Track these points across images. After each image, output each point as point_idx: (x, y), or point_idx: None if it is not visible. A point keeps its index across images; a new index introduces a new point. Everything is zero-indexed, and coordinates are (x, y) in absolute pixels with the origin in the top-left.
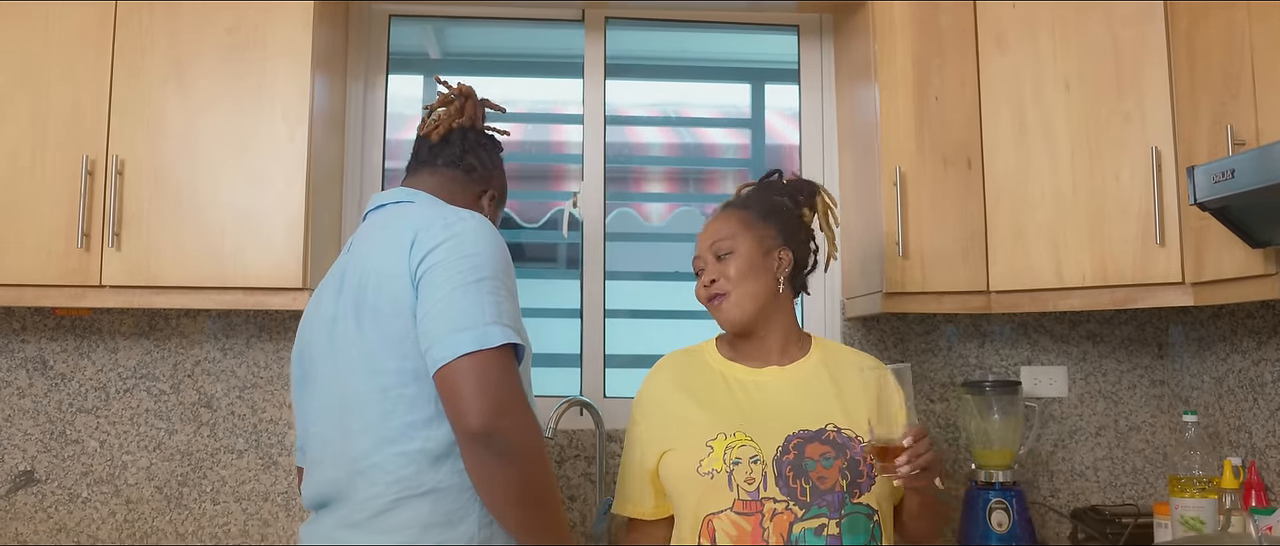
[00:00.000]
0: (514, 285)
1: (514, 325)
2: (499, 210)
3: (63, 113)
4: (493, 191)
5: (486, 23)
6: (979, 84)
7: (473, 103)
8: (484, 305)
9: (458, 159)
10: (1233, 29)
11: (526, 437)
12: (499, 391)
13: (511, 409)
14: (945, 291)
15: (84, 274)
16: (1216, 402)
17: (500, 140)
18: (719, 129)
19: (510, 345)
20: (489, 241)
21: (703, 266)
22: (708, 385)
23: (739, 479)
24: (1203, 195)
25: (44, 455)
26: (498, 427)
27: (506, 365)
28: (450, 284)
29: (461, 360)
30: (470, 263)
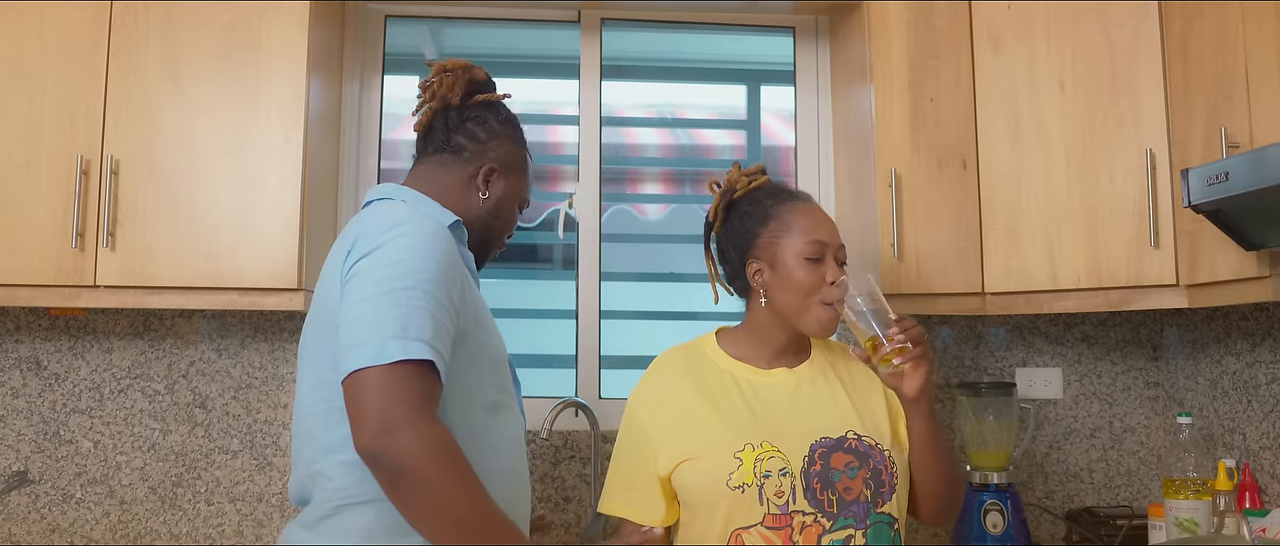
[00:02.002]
0: (447, 295)
1: (425, 337)
2: (514, 183)
3: (57, 112)
4: (489, 165)
5: (482, 23)
6: (974, 85)
7: (449, 77)
8: (389, 317)
9: (444, 142)
10: (1226, 31)
11: (416, 461)
12: (385, 410)
13: (398, 428)
14: (940, 293)
15: (78, 274)
16: (1211, 404)
17: (505, 106)
18: (715, 130)
19: (415, 360)
20: (419, 249)
21: (825, 255)
22: (720, 387)
23: (769, 492)
24: (1197, 198)
25: (37, 455)
26: (382, 448)
27: (401, 381)
28: (361, 294)
29: (353, 376)
30: (390, 271)
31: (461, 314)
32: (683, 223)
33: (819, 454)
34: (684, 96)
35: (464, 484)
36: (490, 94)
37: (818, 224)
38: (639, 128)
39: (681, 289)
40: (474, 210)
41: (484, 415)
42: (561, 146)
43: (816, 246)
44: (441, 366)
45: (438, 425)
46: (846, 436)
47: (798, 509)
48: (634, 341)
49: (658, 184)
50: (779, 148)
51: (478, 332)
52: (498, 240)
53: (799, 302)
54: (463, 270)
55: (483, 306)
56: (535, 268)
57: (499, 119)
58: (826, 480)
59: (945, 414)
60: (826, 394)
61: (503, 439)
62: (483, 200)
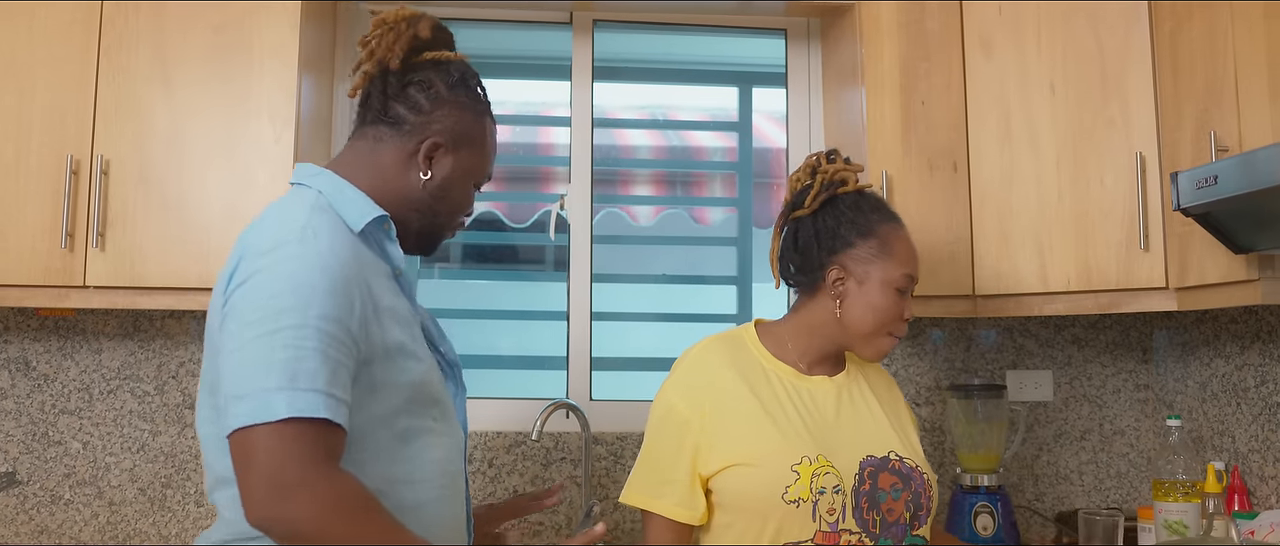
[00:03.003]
0: (342, 327)
1: (318, 386)
2: (465, 158)
3: (47, 112)
4: (432, 140)
5: (474, 24)
6: (965, 88)
7: (389, 32)
8: (274, 363)
9: (382, 112)
10: (1215, 34)
11: (316, 526)
12: (274, 473)
13: (290, 492)
14: (931, 295)
15: (67, 274)
16: (1200, 407)
17: (456, 69)
18: (706, 132)
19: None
20: (306, 278)
21: (908, 289)
22: (769, 390)
23: (822, 509)
24: (1186, 201)
25: (26, 456)
26: (275, 517)
27: (292, 440)
28: (242, 336)
29: (238, 435)
30: (273, 306)
31: (365, 341)
32: (674, 225)
33: (868, 472)
34: (676, 98)
35: (378, 535)
36: (439, 52)
37: (913, 255)
38: (631, 129)
39: (674, 290)
40: (413, 194)
41: (394, 445)
42: (553, 147)
43: (908, 279)
44: (341, 414)
45: (338, 480)
46: (890, 457)
47: (846, 527)
48: (626, 343)
49: (649, 185)
50: (770, 150)
51: (388, 357)
52: (445, 226)
53: (871, 327)
54: (371, 287)
55: (400, 319)
56: (526, 269)
57: (448, 82)
58: (874, 500)
59: (936, 416)
60: (866, 410)
61: (418, 468)
62: (424, 181)
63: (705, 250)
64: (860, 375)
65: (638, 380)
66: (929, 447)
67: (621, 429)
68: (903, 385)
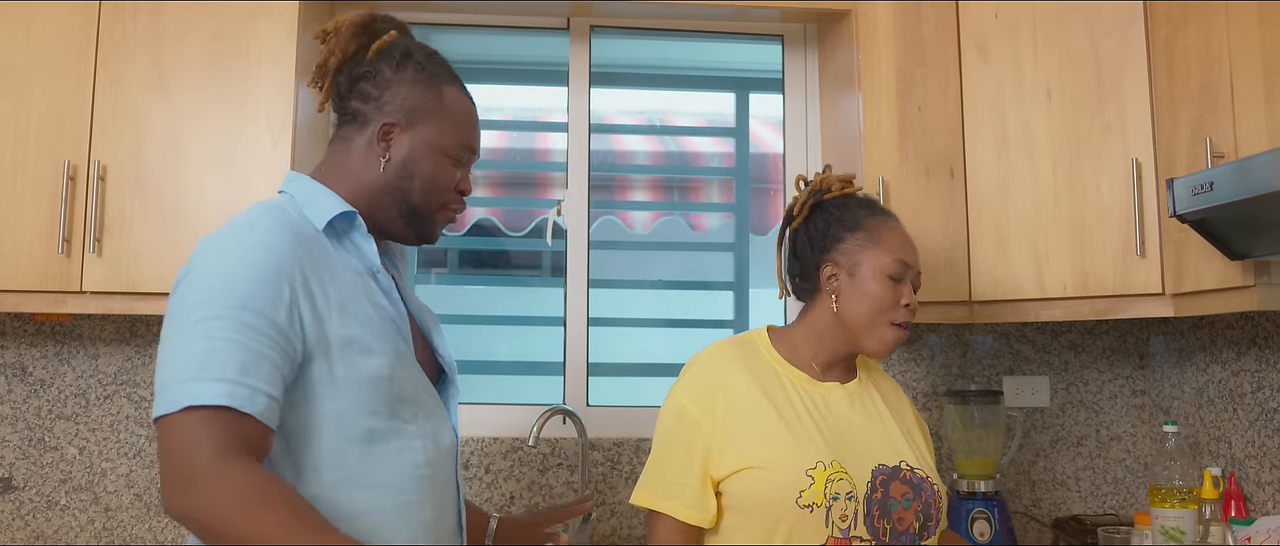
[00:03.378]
0: (267, 320)
1: (227, 375)
2: (424, 132)
3: (44, 117)
4: (385, 123)
5: (471, 30)
6: (961, 93)
7: (334, 37)
8: (187, 355)
9: (344, 111)
10: (1211, 40)
11: (224, 515)
12: (182, 464)
13: (197, 482)
14: (927, 301)
15: (64, 280)
16: (1197, 413)
17: (397, 48)
18: (703, 137)
19: (212, 405)
20: (232, 271)
21: (904, 276)
22: (782, 394)
23: (835, 515)
24: (1182, 207)
25: (22, 462)
26: (185, 507)
27: (197, 428)
28: (167, 330)
29: (156, 425)
30: (194, 300)
31: (300, 335)
32: (671, 230)
33: (880, 481)
34: (673, 103)
35: (289, 531)
36: (383, 38)
37: (905, 243)
38: (628, 135)
39: (670, 296)
40: (379, 180)
41: (354, 447)
42: (550, 153)
43: (900, 266)
44: (256, 404)
45: (245, 470)
46: (901, 466)
47: (857, 535)
48: (622, 349)
49: (646, 191)
50: (767, 155)
51: (335, 351)
52: (427, 207)
53: (869, 317)
54: (308, 281)
55: (359, 315)
56: (523, 274)
57: (393, 65)
58: (885, 509)
59: (933, 422)
60: (878, 419)
61: (381, 472)
62: (384, 165)
63: (702, 255)
64: (871, 384)
65: (635, 386)
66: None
67: (618, 434)
68: None
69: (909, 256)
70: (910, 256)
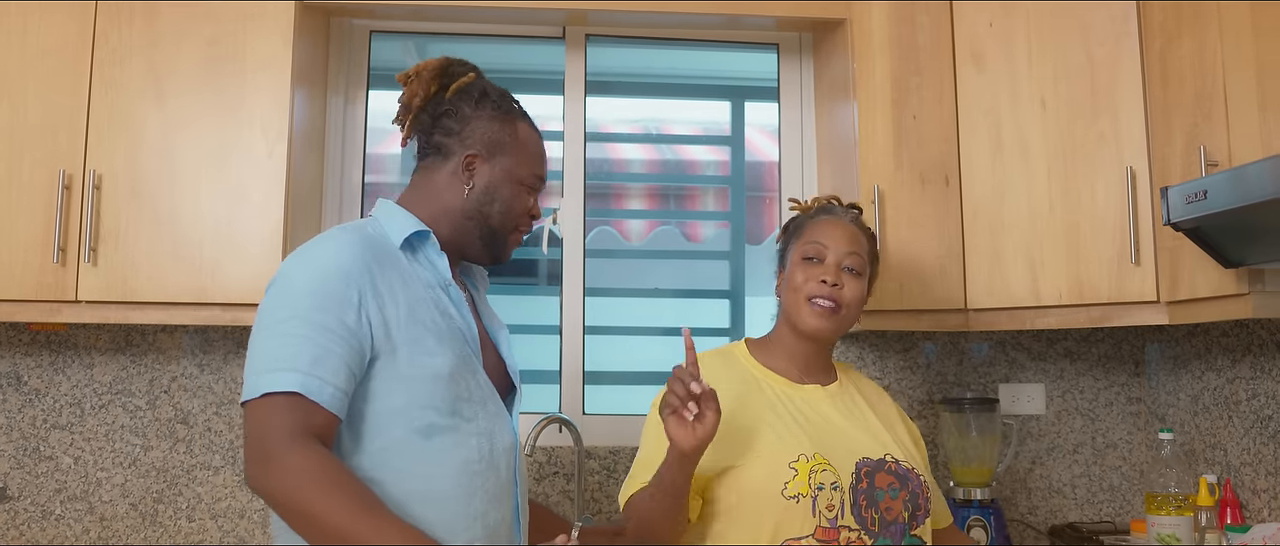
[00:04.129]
0: (336, 318)
1: (299, 367)
2: (503, 163)
3: (39, 126)
4: (467, 155)
5: (467, 38)
6: (956, 102)
7: (415, 83)
8: (264, 351)
9: (427, 145)
10: (1205, 50)
11: (287, 493)
12: (257, 445)
13: (267, 462)
14: (923, 309)
15: (60, 289)
16: (1192, 420)
17: (475, 88)
18: (699, 146)
19: (283, 392)
20: (305, 277)
21: (823, 257)
22: (760, 395)
23: (821, 505)
24: (1176, 215)
25: (17, 471)
26: (257, 484)
27: (270, 414)
28: (254, 332)
29: (243, 410)
30: (272, 304)
31: (366, 335)
32: (666, 239)
33: (865, 472)
34: (669, 112)
35: (346, 508)
36: (462, 78)
37: (829, 233)
38: (624, 143)
39: (666, 304)
40: (462, 205)
41: (415, 439)
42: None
43: (814, 248)
44: (324, 393)
45: (309, 454)
46: (887, 459)
47: (845, 524)
48: (618, 357)
49: (642, 199)
50: (763, 163)
51: (406, 351)
52: (504, 230)
53: (792, 299)
54: (377, 286)
55: (426, 321)
56: (519, 283)
57: (472, 102)
58: (872, 498)
59: (929, 430)
60: (860, 417)
61: (438, 464)
62: (468, 191)
63: (698, 264)
64: (852, 387)
65: (630, 394)
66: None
67: (614, 443)
68: (896, 398)
69: (829, 241)
70: (831, 241)
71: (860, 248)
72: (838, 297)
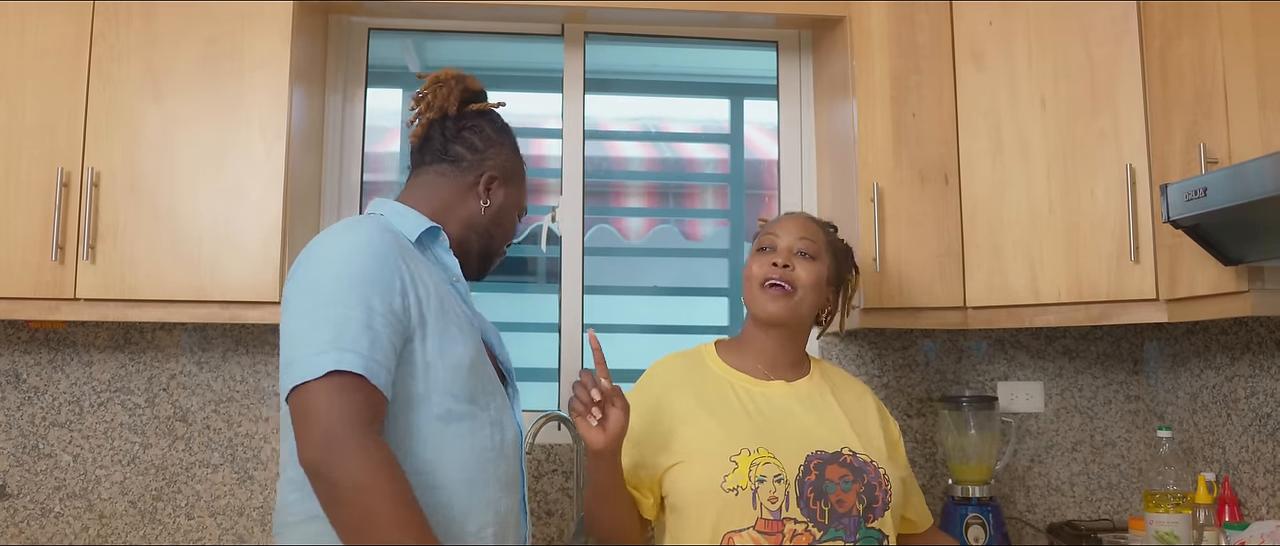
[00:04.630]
0: (383, 303)
1: (360, 349)
2: (513, 192)
3: (37, 124)
4: (489, 174)
5: (466, 36)
6: (956, 100)
7: (443, 89)
8: (318, 331)
9: (442, 152)
10: (1204, 48)
11: (356, 478)
12: (328, 425)
13: (340, 444)
14: (922, 307)
15: (58, 287)
16: (1191, 418)
17: (500, 115)
18: (698, 143)
19: (351, 373)
20: (346, 260)
21: (775, 246)
22: (717, 394)
23: (763, 497)
24: (1176, 213)
25: (16, 469)
26: (324, 463)
27: (339, 394)
28: (293, 311)
29: (294, 393)
30: (318, 286)
31: (407, 321)
32: (665, 237)
33: (814, 464)
34: (667, 110)
35: (397, 506)
36: (485, 103)
37: (780, 225)
38: (622, 141)
39: (666, 302)
40: (476, 219)
41: (434, 424)
42: (545, 160)
43: (767, 239)
44: (381, 377)
45: (380, 444)
46: (842, 451)
47: (789, 516)
48: (617, 355)
49: (641, 197)
50: (762, 161)
51: (434, 339)
52: (500, 249)
53: (748, 289)
54: (412, 274)
55: (448, 312)
56: (518, 281)
57: (495, 127)
58: (820, 490)
59: (928, 427)
60: (825, 411)
61: (455, 450)
62: (484, 209)
63: (697, 262)
64: (825, 384)
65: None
66: (921, 459)
67: None
68: (894, 396)
69: (780, 231)
70: (783, 231)
71: (813, 235)
72: (790, 278)
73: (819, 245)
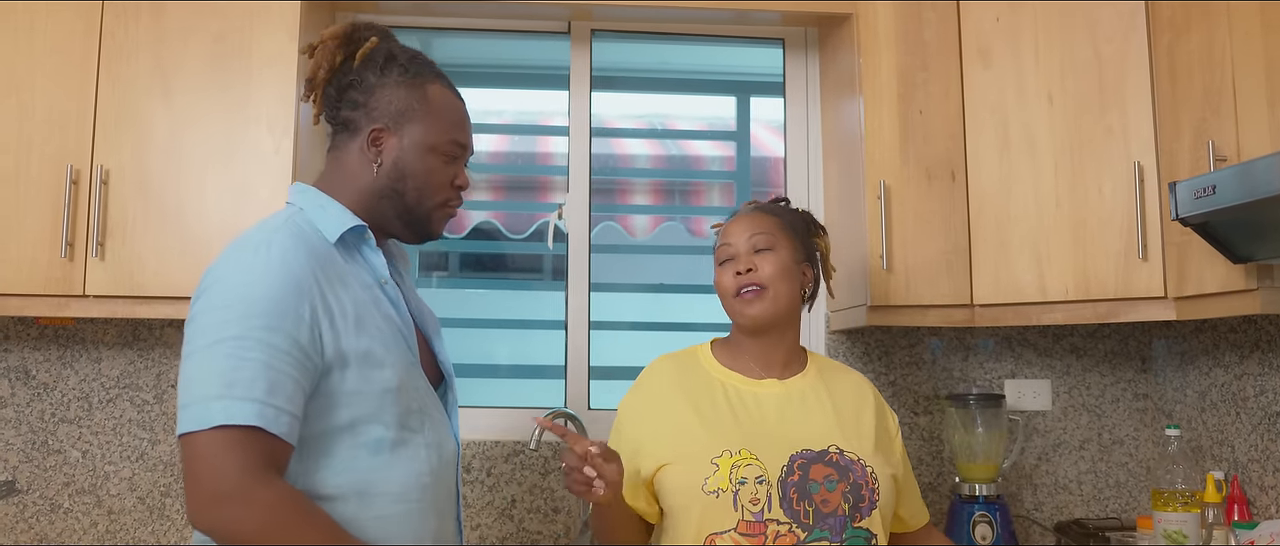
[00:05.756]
0: (289, 338)
1: (256, 395)
2: (413, 132)
3: (47, 121)
4: (373, 129)
5: (473, 34)
6: (963, 98)
7: (322, 51)
8: (214, 373)
9: (336, 121)
10: (1213, 45)
11: (250, 531)
12: (212, 480)
13: (226, 500)
14: (929, 305)
15: (67, 284)
16: (1199, 416)
17: (379, 53)
18: (704, 141)
19: (242, 425)
20: (253, 289)
21: (733, 255)
22: (707, 395)
23: (744, 499)
24: (1184, 211)
25: (25, 465)
26: (212, 522)
27: (228, 447)
28: (190, 346)
29: (182, 440)
30: (217, 318)
31: (319, 351)
32: (671, 234)
33: (798, 464)
34: (674, 107)
35: (314, 541)
36: (367, 44)
37: (730, 231)
38: (629, 138)
39: (672, 299)
40: (372, 185)
41: (365, 457)
42: (551, 157)
43: (723, 250)
44: (281, 424)
45: (272, 489)
46: (829, 450)
47: (772, 517)
48: (623, 352)
49: (647, 195)
50: (768, 159)
51: (351, 365)
52: (425, 206)
53: (724, 302)
54: (325, 296)
55: (372, 328)
56: (524, 278)
57: (377, 69)
58: (804, 491)
59: (934, 425)
60: (815, 408)
61: (387, 480)
62: (377, 169)
63: (703, 259)
64: (820, 381)
65: None
66: (927, 457)
67: None
68: (900, 394)
69: (732, 236)
70: (734, 235)
71: (764, 226)
72: (757, 279)
73: (774, 233)
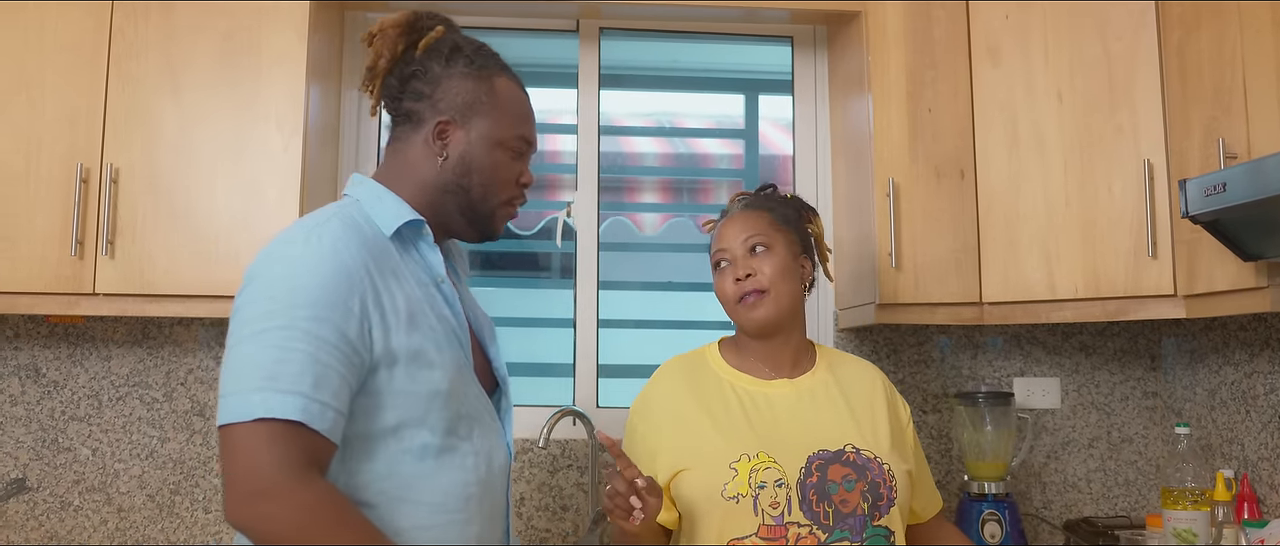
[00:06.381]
0: (337, 331)
1: (301, 388)
2: (481, 126)
3: (57, 120)
4: (439, 121)
5: (481, 32)
6: (972, 95)
7: (381, 40)
8: (258, 363)
9: (398, 113)
10: (1224, 42)
11: (286, 531)
12: (250, 476)
13: (264, 497)
14: (938, 303)
15: (77, 282)
16: (1209, 415)
17: (445, 44)
18: (713, 139)
19: (287, 420)
20: (302, 279)
21: (730, 259)
22: (719, 398)
23: (764, 503)
24: (1194, 208)
25: (36, 463)
26: (249, 519)
27: (268, 442)
28: (234, 337)
29: (222, 431)
30: (264, 309)
31: (366, 350)
32: (680, 232)
33: (816, 466)
34: (682, 105)
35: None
36: (431, 34)
37: (722, 234)
38: (637, 136)
39: (680, 297)
40: (438, 178)
41: (409, 463)
42: (559, 155)
43: (718, 255)
44: (325, 420)
45: (311, 488)
46: (845, 449)
47: (793, 520)
48: (632, 350)
49: (655, 193)
50: (777, 157)
51: (399, 364)
52: (490, 203)
53: (726, 308)
54: (378, 289)
55: (425, 327)
56: (533, 276)
57: (443, 60)
58: (823, 492)
59: (943, 423)
60: (827, 406)
61: (431, 488)
62: (443, 163)
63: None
64: (831, 377)
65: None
66: (936, 455)
67: None
68: (909, 392)
69: (726, 241)
70: (727, 239)
71: (757, 225)
72: (756, 284)
73: (768, 231)
